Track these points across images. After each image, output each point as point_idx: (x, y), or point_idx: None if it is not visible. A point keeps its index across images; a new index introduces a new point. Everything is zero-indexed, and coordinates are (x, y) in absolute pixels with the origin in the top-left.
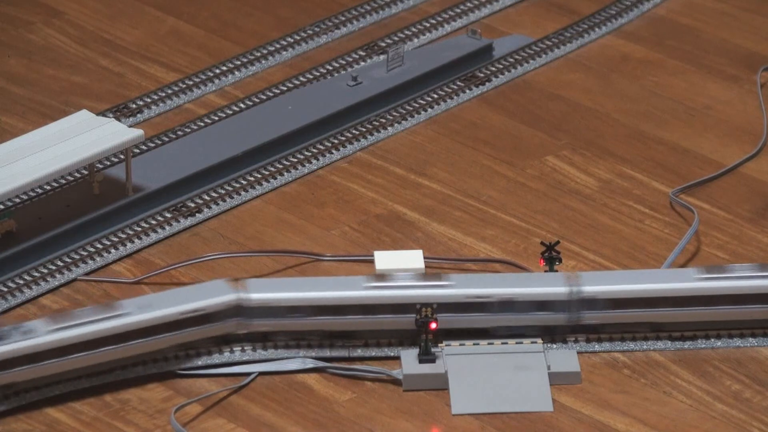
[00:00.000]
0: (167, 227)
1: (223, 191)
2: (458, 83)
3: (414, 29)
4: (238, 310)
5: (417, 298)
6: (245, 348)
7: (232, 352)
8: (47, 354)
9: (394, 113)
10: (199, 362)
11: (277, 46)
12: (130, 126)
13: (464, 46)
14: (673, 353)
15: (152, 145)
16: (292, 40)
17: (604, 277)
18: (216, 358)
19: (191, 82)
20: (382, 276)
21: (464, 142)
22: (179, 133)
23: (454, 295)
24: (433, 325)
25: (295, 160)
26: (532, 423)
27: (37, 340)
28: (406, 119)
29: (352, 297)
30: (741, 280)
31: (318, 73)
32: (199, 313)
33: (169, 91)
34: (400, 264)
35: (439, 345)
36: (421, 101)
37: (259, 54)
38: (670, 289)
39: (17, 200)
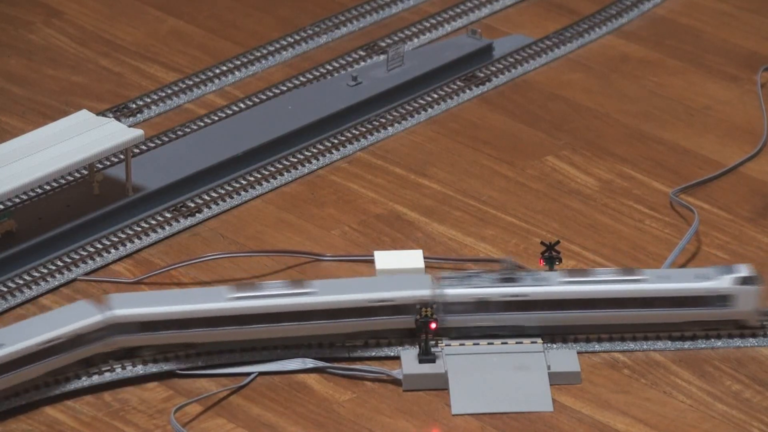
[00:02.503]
0: (167, 227)
1: (223, 191)
2: (458, 83)
3: (414, 29)
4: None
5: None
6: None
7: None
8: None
9: (394, 113)
10: (200, 362)
11: (277, 46)
12: (130, 126)
13: (464, 46)
14: (673, 353)
15: (152, 145)
16: (292, 40)
17: None
18: (216, 359)
19: (191, 82)
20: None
21: (464, 142)
22: (179, 133)
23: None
24: (433, 325)
25: (295, 160)
26: (532, 423)
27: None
28: (406, 119)
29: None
30: None
31: (318, 73)
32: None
33: (169, 91)
34: (400, 264)
35: (439, 345)
36: (421, 101)
37: (259, 54)
38: None
39: (17, 200)
